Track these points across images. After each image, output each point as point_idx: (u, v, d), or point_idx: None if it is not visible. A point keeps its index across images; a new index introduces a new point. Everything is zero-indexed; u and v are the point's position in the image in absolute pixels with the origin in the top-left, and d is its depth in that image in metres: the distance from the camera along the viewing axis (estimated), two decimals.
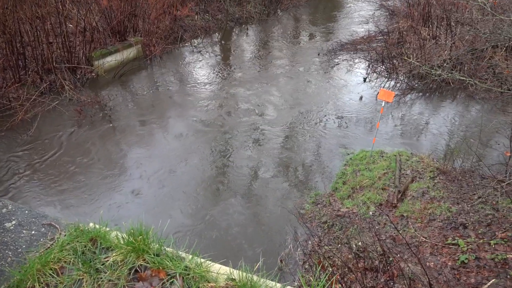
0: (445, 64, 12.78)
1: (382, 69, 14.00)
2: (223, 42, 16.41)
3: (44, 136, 9.69)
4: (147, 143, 9.79)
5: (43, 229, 3.59)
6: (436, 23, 15.38)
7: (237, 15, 18.53)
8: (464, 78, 7.04)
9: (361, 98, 12.33)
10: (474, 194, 7.34)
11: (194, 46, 15.69)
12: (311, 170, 9.23)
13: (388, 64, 13.93)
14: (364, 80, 13.45)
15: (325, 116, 11.30)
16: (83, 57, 12.44)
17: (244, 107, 11.63)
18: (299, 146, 10.03)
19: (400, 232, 6.81)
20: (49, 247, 3.37)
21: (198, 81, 13.05)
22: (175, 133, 10.27)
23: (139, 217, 6.98)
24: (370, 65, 14.31)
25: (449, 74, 7.64)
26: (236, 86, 12.81)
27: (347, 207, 7.78)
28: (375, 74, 13.83)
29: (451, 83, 12.61)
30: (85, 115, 10.56)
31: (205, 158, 9.39)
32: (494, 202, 6.95)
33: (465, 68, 12.72)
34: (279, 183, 8.76)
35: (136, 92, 12.24)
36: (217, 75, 13.65)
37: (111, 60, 13.11)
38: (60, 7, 12.04)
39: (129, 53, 13.65)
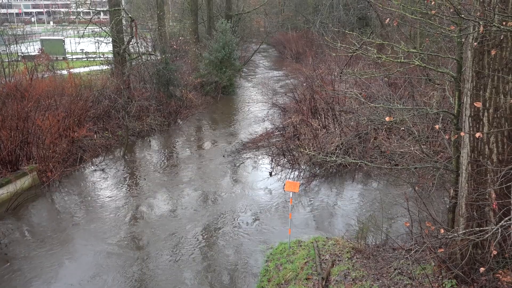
0: (337, 150, 13.99)
1: (284, 161, 14.82)
2: (126, 157, 16.23)
3: None
4: (51, 278, 8.79)
5: None
6: (323, 114, 17.09)
7: (137, 129, 18.69)
8: (355, 161, 7.75)
9: (270, 191, 12.75)
10: (390, 266, 7.69)
11: (96, 165, 15.24)
12: (235, 273, 8.96)
13: (289, 156, 14.83)
14: (270, 174, 14.04)
15: (239, 215, 11.36)
16: None
17: (156, 218, 11.25)
18: (220, 251, 9.79)
19: None
20: None
21: (103, 200, 12.46)
22: (82, 262, 9.42)
23: None
24: (273, 160, 15.08)
25: (343, 159, 8.37)
26: (145, 199, 12.46)
27: None
28: (279, 167, 14.55)
29: (348, 166, 13.72)
30: None
31: (121, 283, 8.65)
32: (408, 271, 7.31)
33: (356, 151, 14.04)
34: None
35: (34, 223, 11.24)
36: (123, 191, 13.22)
37: (2, 193, 12.08)
38: None
39: (23, 182, 12.74)
